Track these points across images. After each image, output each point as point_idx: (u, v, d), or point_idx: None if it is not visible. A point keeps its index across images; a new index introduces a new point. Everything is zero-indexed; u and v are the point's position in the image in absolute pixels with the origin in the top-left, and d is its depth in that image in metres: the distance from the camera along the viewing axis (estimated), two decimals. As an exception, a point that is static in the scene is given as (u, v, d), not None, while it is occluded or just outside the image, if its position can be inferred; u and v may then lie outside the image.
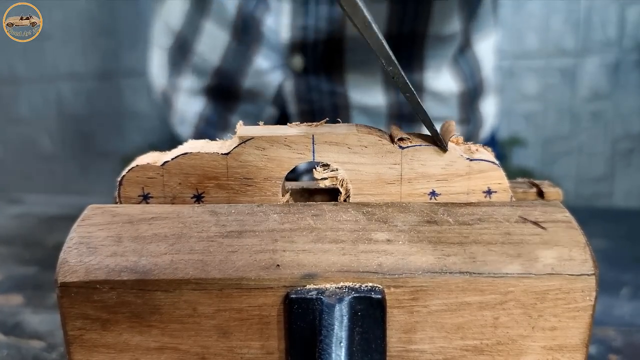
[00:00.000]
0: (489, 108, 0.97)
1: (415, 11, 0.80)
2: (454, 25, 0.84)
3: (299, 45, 0.83)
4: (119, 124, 2.06)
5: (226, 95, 0.90)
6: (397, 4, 0.79)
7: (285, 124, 0.37)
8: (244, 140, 0.35)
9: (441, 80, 0.87)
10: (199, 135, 0.93)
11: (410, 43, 0.83)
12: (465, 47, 0.89)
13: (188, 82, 0.94)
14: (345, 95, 0.84)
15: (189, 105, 0.95)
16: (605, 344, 0.52)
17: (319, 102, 0.85)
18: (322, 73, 0.84)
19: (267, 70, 0.85)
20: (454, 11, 0.83)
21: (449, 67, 0.88)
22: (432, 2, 0.80)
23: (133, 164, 0.36)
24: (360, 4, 0.32)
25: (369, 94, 0.85)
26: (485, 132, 0.97)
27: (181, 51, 0.93)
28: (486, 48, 0.93)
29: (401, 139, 0.36)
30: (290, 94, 0.85)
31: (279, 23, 0.82)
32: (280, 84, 0.85)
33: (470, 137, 0.93)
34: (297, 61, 0.84)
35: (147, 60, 1.04)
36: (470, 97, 0.92)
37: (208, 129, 0.92)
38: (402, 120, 0.86)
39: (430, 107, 0.87)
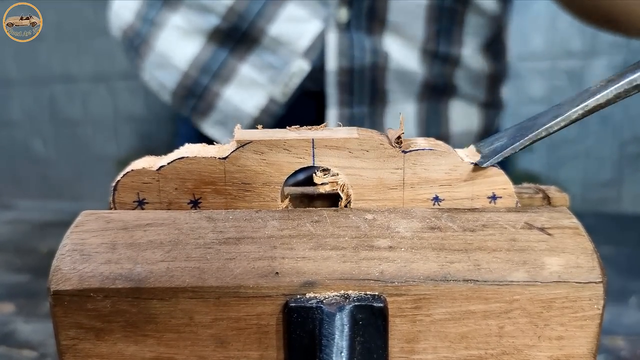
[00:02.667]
0: (504, 93, 0.98)
1: None
2: (494, 6, 0.86)
3: None
4: (113, 128, 2.06)
5: (238, 40, 0.81)
6: None
7: (320, 79, 0.36)
8: (242, 144, 0.35)
9: (477, 59, 0.88)
10: (187, 83, 0.84)
11: (451, 16, 0.83)
12: (497, 30, 0.91)
13: (180, 18, 0.84)
14: (385, 55, 0.82)
15: (177, 46, 0.84)
16: (613, 353, 0.52)
17: (360, 60, 0.81)
18: (364, 29, 0.81)
19: (304, 18, 0.80)
20: None
21: (483, 47, 0.89)
22: None
23: (128, 169, 0.36)
24: None
25: (408, 59, 0.83)
26: (505, 117, 0.99)
27: None
28: (509, 35, 0.95)
29: (399, 138, 0.36)
30: (332, 47, 0.80)
31: None
32: (318, 35, 0.80)
33: (493, 121, 0.94)
34: (343, 13, 0.79)
35: None
36: (497, 81, 0.93)
37: (202, 76, 0.83)
38: (433, 90, 0.86)
39: (462, 83, 0.87)
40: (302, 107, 0.84)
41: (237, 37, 0.81)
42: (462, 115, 0.89)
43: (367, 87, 0.82)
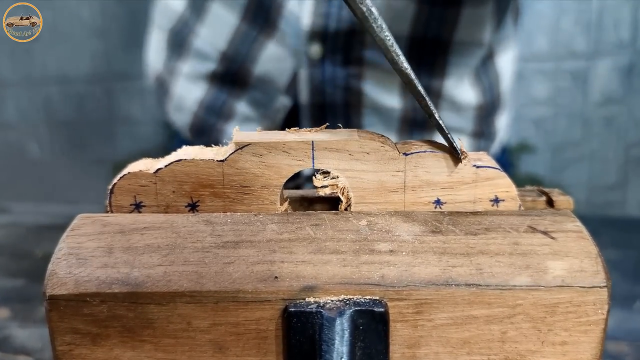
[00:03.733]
0: (502, 122, 0.97)
1: (443, 15, 0.80)
2: (484, 34, 0.84)
3: (320, 33, 0.81)
4: (110, 130, 2.06)
5: (233, 82, 0.88)
6: (425, 5, 0.79)
7: (297, 115, 0.37)
8: (241, 147, 0.35)
9: (461, 90, 0.87)
10: (197, 123, 0.92)
11: (434, 48, 0.83)
12: (487, 58, 0.90)
13: (188, 66, 0.92)
14: (360, 92, 0.84)
15: (188, 91, 0.93)
16: (618, 359, 0.52)
17: (332, 96, 0.84)
18: (339, 65, 0.83)
19: (281, 57, 0.84)
20: (486, 19, 0.83)
21: (470, 77, 0.88)
22: (462, 8, 0.80)
23: (125, 172, 0.36)
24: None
25: (385, 94, 0.84)
26: (495, 146, 0.97)
27: (183, 33, 0.91)
28: (507, 60, 0.93)
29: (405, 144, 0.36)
30: (304, 83, 0.83)
31: (301, 8, 0.81)
32: (295, 72, 0.84)
33: (481, 150, 0.93)
34: (316, 49, 0.82)
35: (145, 42, 1.03)
36: (487, 111, 0.92)
37: (209, 116, 0.91)
38: (415, 126, 0.86)
39: (446, 116, 0.86)
40: None
41: (231, 78, 0.88)
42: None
43: (342, 122, 0.83)
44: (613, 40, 1.80)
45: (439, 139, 0.37)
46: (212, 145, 0.38)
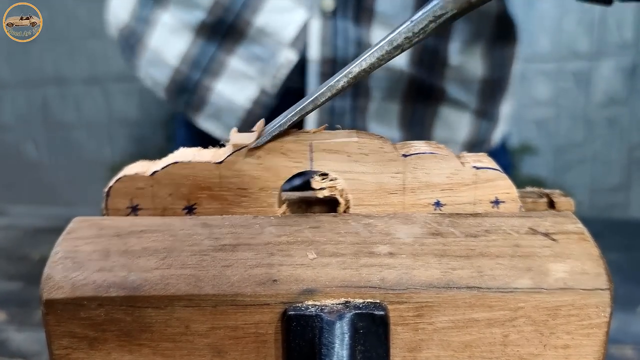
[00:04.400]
0: (506, 110, 0.96)
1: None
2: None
3: None
4: (107, 132, 2.06)
5: (226, 33, 0.83)
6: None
7: (303, 71, 0.36)
8: (238, 148, 0.35)
9: (468, 57, 0.86)
10: (178, 79, 0.86)
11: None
12: (508, 40, 0.89)
13: (169, 15, 0.86)
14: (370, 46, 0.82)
15: (168, 43, 0.87)
16: (621, 363, 0.52)
17: (344, 50, 0.81)
18: (350, 19, 0.81)
19: (289, 7, 0.81)
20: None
21: (482, 48, 0.87)
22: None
23: (121, 174, 0.36)
24: None
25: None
26: (497, 134, 0.95)
27: None
28: (517, 48, 0.93)
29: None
30: (314, 36, 0.80)
31: None
32: (304, 25, 0.81)
33: (484, 134, 0.92)
34: (328, 2, 0.80)
35: None
36: (492, 89, 0.90)
37: (193, 72, 0.85)
38: (419, 91, 0.84)
39: (452, 87, 0.86)
40: (287, 106, 0.83)
41: (224, 30, 0.83)
42: (450, 122, 0.88)
43: None
44: (616, 41, 1.80)
45: (442, 113, 0.37)
46: (196, 106, 0.37)
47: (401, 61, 0.82)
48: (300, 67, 0.82)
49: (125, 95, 1.99)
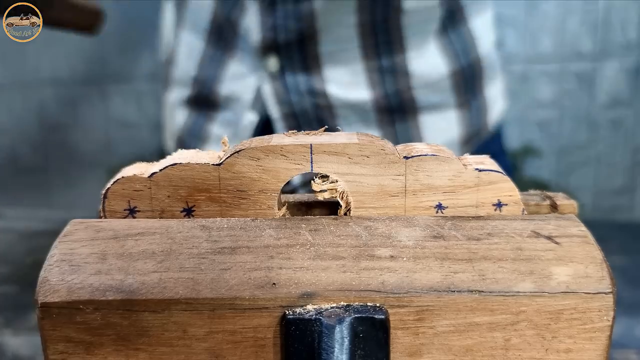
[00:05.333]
0: (494, 90, 0.95)
1: None
2: None
3: (272, 45, 0.84)
4: (105, 134, 2.06)
5: (205, 105, 0.92)
6: None
7: (270, 129, 0.37)
8: (237, 150, 0.35)
9: (427, 58, 0.86)
10: (182, 148, 0.95)
11: (386, 27, 0.83)
12: (458, 21, 0.88)
13: (173, 94, 0.96)
14: (324, 93, 0.85)
15: (174, 118, 0.97)
16: (625, 367, 0.52)
17: (300, 104, 0.85)
18: (299, 72, 0.85)
19: (243, 74, 0.87)
20: None
21: (436, 42, 0.86)
22: None
23: (118, 176, 0.36)
24: None
25: (351, 89, 0.85)
26: (493, 117, 0.95)
27: (169, 64, 0.97)
28: (482, 23, 0.92)
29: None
30: (269, 97, 0.86)
31: (250, 24, 0.84)
32: (258, 87, 0.87)
33: (475, 124, 0.91)
34: (273, 62, 0.85)
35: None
36: (466, 77, 0.89)
37: (191, 141, 0.94)
38: (394, 113, 0.85)
39: (422, 94, 0.86)
40: None
41: (203, 102, 0.92)
42: (437, 128, 0.88)
43: (316, 126, 0.83)
44: (620, 41, 1.80)
45: (425, 122, 0.37)
46: None
47: (362, 92, 0.85)
48: (267, 127, 0.88)
49: (122, 97, 1.99)
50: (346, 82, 0.85)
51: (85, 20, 0.81)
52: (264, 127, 0.87)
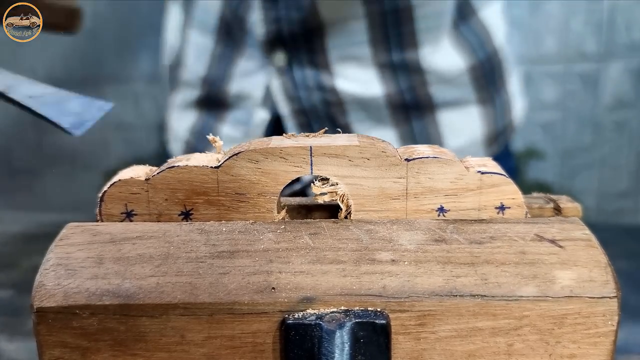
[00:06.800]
0: (515, 86, 0.93)
1: None
2: None
3: (278, 39, 0.83)
4: (102, 136, 2.06)
5: (215, 105, 0.91)
6: None
7: (281, 127, 0.37)
8: (236, 153, 0.35)
9: (442, 54, 0.84)
10: (189, 151, 0.94)
11: (396, 18, 0.81)
12: (467, 14, 0.87)
13: (180, 97, 0.96)
14: (333, 88, 0.84)
15: (181, 121, 0.97)
16: (630, 373, 0.52)
17: (309, 100, 0.84)
18: (307, 67, 0.84)
19: (253, 71, 0.86)
20: None
21: (449, 38, 0.85)
22: None
23: (115, 179, 0.36)
24: None
25: (362, 84, 0.84)
26: (517, 115, 0.93)
27: (175, 66, 0.96)
28: (493, 13, 0.90)
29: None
30: (278, 93, 0.85)
31: (254, 19, 0.83)
32: (267, 84, 0.86)
33: (500, 121, 0.89)
34: (280, 57, 0.84)
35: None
36: (486, 71, 0.87)
37: (199, 143, 0.93)
38: (409, 111, 0.84)
39: (439, 90, 0.84)
40: None
41: (213, 102, 0.91)
42: (457, 126, 0.86)
43: (327, 124, 0.84)
44: (625, 42, 1.80)
45: (444, 119, 0.37)
46: None
47: (373, 88, 0.83)
48: (278, 124, 0.87)
49: (120, 98, 1.99)
50: (356, 77, 0.83)
51: (62, 20, 0.81)
52: (276, 124, 0.86)
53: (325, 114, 0.84)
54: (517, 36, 1.80)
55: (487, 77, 0.88)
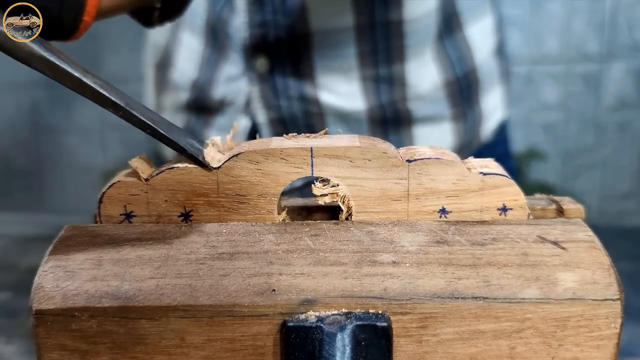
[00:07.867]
0: (492, 101, 0.92)
1: None
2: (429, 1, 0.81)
3: (262, 45, 0.82)
4: (100, 136, 2.06)
5: (202, 110, 0.90)
6: None
7: (254, 136, 0.37)
8: (236, 154, 0.35)
9: (424, 69, 0.83)
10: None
11: (386, 32, 0.81)
12: (454, 28, 0.86)
13: (170, 99, 0.94)
14: (316, 99, 0.83)
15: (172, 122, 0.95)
16: (633, 376, 0.52)
17: (289, 109, 0.84)
18: (289, 75, 0.83)
19: (235, 77, 0.85)
20: None
21: (432, 52, 0.84)
22: None
23: (114, 180, 0.36)
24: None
25: (345, 97, 0.83)
26: (487, 128, 0.92)
27: (164, 67, 0.94)
28: (480, 30, 0.89)
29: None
30: (257, 100, 0.84)
31: (238, 21, 0.82)
32: (249, 90, 0.85)
33: (468, 135, 0.89)
34: (262, 63, 0.82)
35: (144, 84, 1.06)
36: (462, 88, 0.87)
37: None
38: (387, 126, 0.84)
39: (417, 105, 0.84)
40: None
41: (200, 106, 0.90)
42: (432, 139, 0.86)
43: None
44: (627, 42, 1.80)
45: (419, 134, 0.37)
46: None
47: (356, 102, 0.83)
48: (254, 132, 0.86)
49: (118, 98, 1.99)
50: (340, 90, 0.83)
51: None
52: (251, 134, 0.86)
53: (305, 124, 0.84)
54: (518, 36, 1.81)
55: (462, 93, 0.88)
